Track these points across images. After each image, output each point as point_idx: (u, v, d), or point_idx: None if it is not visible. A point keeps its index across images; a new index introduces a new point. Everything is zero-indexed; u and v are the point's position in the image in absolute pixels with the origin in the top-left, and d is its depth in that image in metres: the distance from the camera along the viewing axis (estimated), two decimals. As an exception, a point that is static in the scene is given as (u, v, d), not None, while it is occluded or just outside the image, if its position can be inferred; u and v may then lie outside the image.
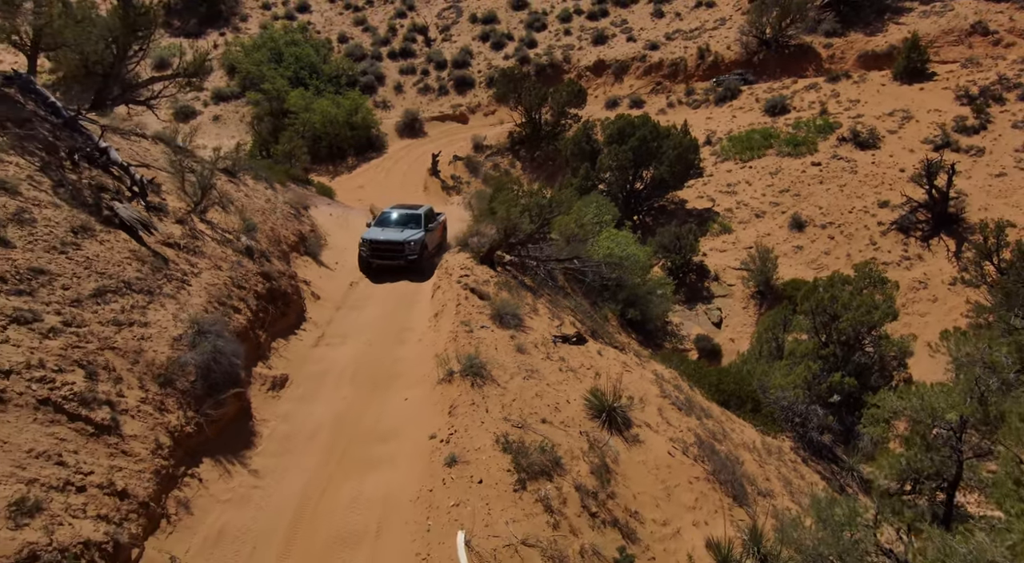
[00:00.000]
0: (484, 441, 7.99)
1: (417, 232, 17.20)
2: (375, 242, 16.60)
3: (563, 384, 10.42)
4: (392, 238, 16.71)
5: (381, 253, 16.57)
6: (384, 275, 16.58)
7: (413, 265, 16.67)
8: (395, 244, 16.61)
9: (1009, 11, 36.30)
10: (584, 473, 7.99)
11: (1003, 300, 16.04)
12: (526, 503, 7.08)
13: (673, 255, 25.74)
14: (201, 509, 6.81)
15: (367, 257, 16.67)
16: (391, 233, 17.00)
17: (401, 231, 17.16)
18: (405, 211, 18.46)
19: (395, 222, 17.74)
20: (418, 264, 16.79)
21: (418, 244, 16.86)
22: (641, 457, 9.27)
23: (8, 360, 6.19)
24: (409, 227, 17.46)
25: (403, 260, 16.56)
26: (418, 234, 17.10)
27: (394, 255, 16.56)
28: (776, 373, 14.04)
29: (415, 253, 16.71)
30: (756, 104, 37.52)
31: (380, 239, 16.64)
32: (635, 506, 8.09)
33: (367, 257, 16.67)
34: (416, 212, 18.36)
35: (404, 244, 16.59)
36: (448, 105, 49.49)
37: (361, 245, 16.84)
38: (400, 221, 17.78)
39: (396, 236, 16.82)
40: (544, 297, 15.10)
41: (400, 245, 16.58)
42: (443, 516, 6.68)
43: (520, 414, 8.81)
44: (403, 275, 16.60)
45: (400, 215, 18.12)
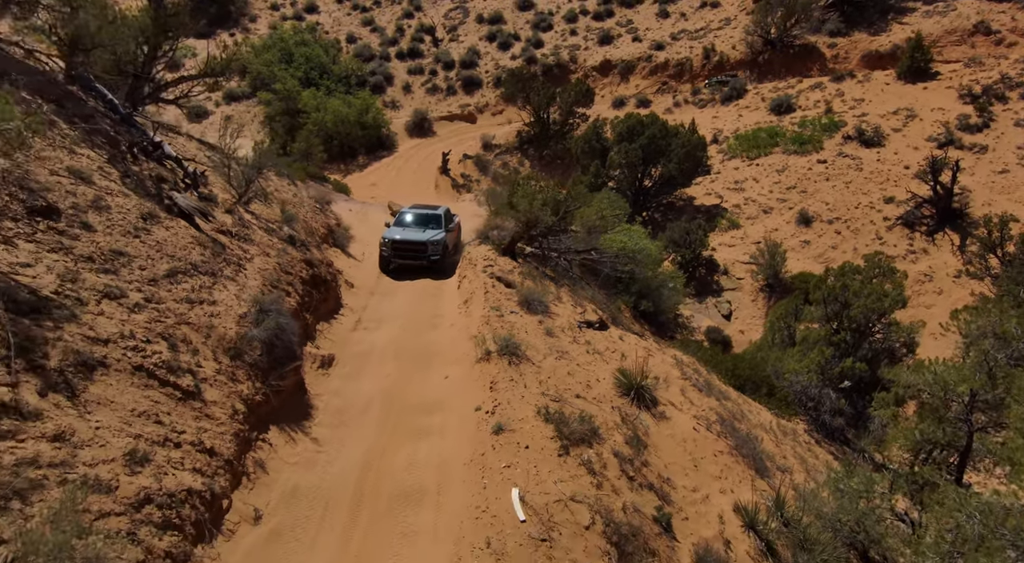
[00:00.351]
0: (526, 412, 8.59)
1: (439, 232, 17.19)
2: (397, 242, 16.50)
3: (591, 365, 11.02)
4: (414, 238, 16.65)
5: (403, 253, 16.50)
6: (404, 274, 16.56)
7: (435, 265, 16.64)
8: (418, 244, 16.54)
9: (1011, 11, 36.88)
10: (620, 442, 8.60)
11: (1015, 275, 16.48)
12: (570, 466, 7.68)
13: (683, 250, 26.34)
14: (274, 469, 7.42)
15: (389, 256, 16.53)
16: (413, 233, 16.96)
17: (423, 231, 17.14)
18: (424, 211, 18.39)
19: (415, 222, 17.69)
20: (440, 264, 16.77)
21: (440, 244, 16.84)
22: (669, 431, 9.87)
23: (105, 330, 6.80)
24: (430, 227, 17.43)
25: (425, 260, 16.51)
26: (440, 234, 17.09)
27: (416, 255, 16.50)
28: (789, 359, 14.64)
29: (437, 253, 16.67)
30: (762, 103, 38.12)
31: (402, 239, 16.57)
32: (667, 473, 8.69)
33: (389, 256, 16.53)
34: (436, 212, 18.35)
35: (427, 244, 16.54)
36: (456, 105, 50.11)
37: (382, 245, 16.66)
38: (420, 221, 17.72)
39: (418, 236, 16.77)
40: (565, 287, 15.70)
41: (423, 245, 16.53)
42: (496, 476, 7.28)
43: (556, 390, 9.41)
44: (423, 274, 16.62)
45: (420, 215, 18.04)
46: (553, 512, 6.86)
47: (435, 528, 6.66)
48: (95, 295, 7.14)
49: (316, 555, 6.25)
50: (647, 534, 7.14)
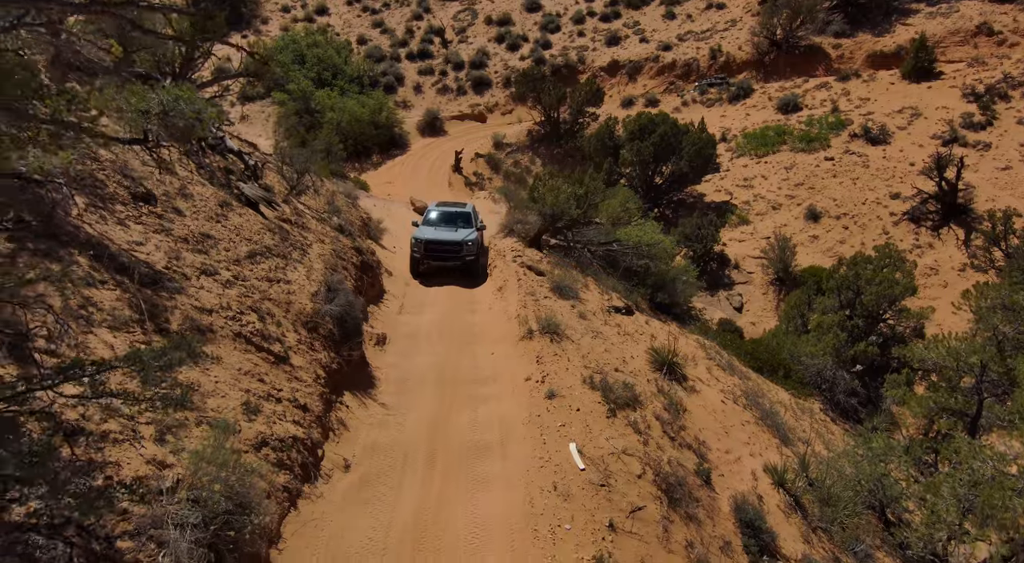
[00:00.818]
0: (573, 381, 9.41)
1: (471, 231, 16.20)
2: (431, 242, 15.46)
3: (624, 344, 11.83)
4: (448, 238, 15.62)
5: (436, 254, 15.48)
6: (432, 278, 15.61)
7: (470, 267, 15.61)
8: (452, 244, 15.49)
9: (1013, 12, 37.67)
10: (659, 408, 9.41)
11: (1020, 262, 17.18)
12: (618, 425, 8.49)
13: (695, 244, 27.12)
14: (353, 427, 8.23)
15: (420, 258, 15.55)
16: (445, 232, 15.89)
17: (455, 230, 16.07)
18: (452, 209, 17.43)
19: (445, 220, 16.62)
20: (474, 266, 15.79)
21: (475, 244, 15.87)
22: (700, 403, 10.68)
23: (208, 302, 7.63)
24: (461, 225, 16.41)
25: (460, 261, 15.49)
26: (473, 233, 16.08)
27: (450, 256, 15.49)
28: (805, 344, 15.44)
29: (472, 254, 15.66)
30: (769, 102, 38.92)
31: (436, 239, 15.52)
32: (702, 437, 9.50)
33: (420, 258, 15.55)
34: (464, 210, 17.39)
35: (462, 244, 15.51)
36: (467, 105, 50.92)
37: (414, 246, 15.64)
38: (450, 219, 16.70)
39: (452, 236, 15.72)
40: (590, 276, 16.50)
41: (458, 245, 15.49)
42: (553, 433, 8.09)
43: (596, 364, 10.22)
44: (452, 279, 15.50)
45: (448, 213, 17.02)
46: (608, 463, 7.67)
47: (504, 476, 7.46)
48: (195, 271, 7.97)
49: (404, 497, 7.06)
50: (690, 484, 7.95)
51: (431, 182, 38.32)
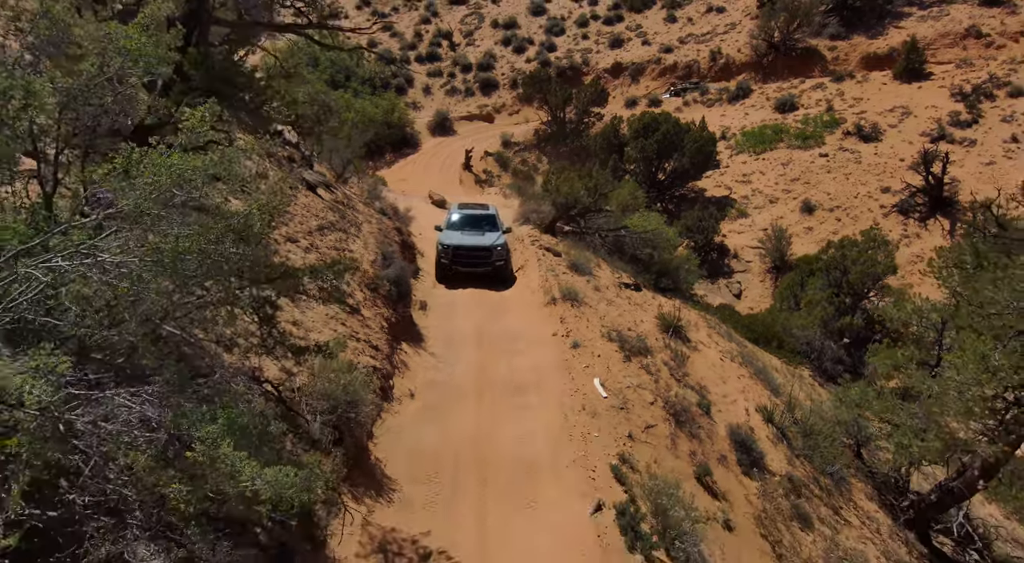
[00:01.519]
0: (593, 335, 11.05)
1: (498, 235, 15.60)
2: (459, 249, 14.78)
3: (635, 312, 13.48)
4: (477, 243, 15.01)
5: (466, 260, 14.82)
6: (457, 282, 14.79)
7: (499, 272, 15.01)
8: (482, 250, 14.90)
9: (1000, 16, 39.32)
10: (667, 357, 11.05)
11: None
12: (633, 368, 10.13)
13: (697, 236, 28.76)
14: (413, 368, 9.88)
15: (449, 264, 14.79)
16: (473, 237, 15.23)
17: (482, 234, 15.42)
18: (476, 211, 16.77)
19: (470, 224, 15.95)
20: (504, 271, 15.18)
21: (505, 249, 15.38)
22: (701, 358, 12.32)
23: (295, 262, 9.28)
24: (488, 229, 15.79)
25: (490, 267, 14.87)
26: (501, 238, 15.53)
27: (480, 262, 14.87)
28: (796, 318, 17.07)
29: (502, 258, 15.15)
30: (767, 102, 40.58)
31: (465, 245, 14.89)
32: (703, 383, 11.13)
33: (449, 264, 14.79)
34: (489, 212, 16.81)
35: (491, 249, 14.93)
36: (475, 105, 52.64)
37: (441, 252, 14.92)
38: (474, 223, 16.03)
39: (481, 241, 15.12)
40: (601, 258, 18.14)
41: (487, 250, 14.91)
42: (580, 372, 9.73)
43: (611, 324, 11.86)
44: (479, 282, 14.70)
45: (471, 216, 16.35)
46: (625, 394, 9.30)
47: (541, 403, 9.09)
48: (282, 238, 9.62)
49: (461, 417, 8.69)
50: (693, 413, 9.58)
51: (443, 179, 39.97)
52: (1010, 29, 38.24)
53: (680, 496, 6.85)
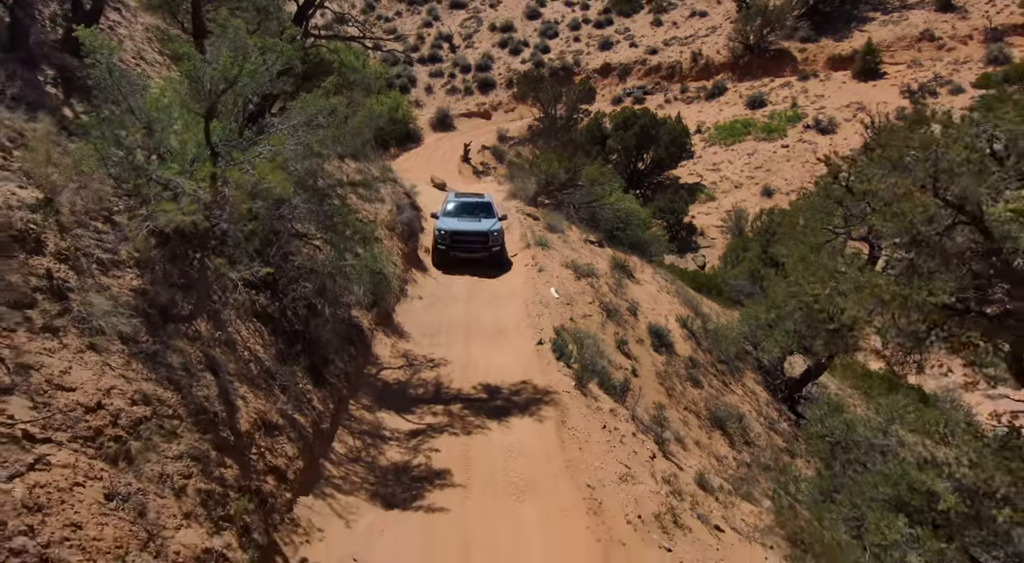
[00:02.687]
0: (555, 265, 14.82)
1: (494, 221, 16.10)
2: (457, 234, 15.35)
3: (593, 257, 17.23)
4: (474, 228, 15.52)
5: (463, 245, 15.37)
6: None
7: (496, 257, 15.52)
8: (479, 235, 15.41)
9: (952, 20, 43.08)
10: (610, 281, 14.83)
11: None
12: (582, 284, 13.89)
13: (668, 216, 32.55)
14: (419, 284, 13.67)
15: (447, 249, 15.40)
16: (469, 223, 15.75)
17: (479, 221, 15.92)
18: (471, 199, 17.53)
19: (466, 211, 16.46)
20: (500, 256, 15.71)
21: (501, 234, 15.97)
22: (640, 288, 16.09)
23: (339, 202, 13.07)
24: (484, 216, 16.29)
25: (487, 252, 15.38)
26: (497, 224, 16.04)
27: (477, 247, 15.39)
28: (732, 272, 20.83)
29: (499, 244, 15.73)
30: (740, 100, 44.37)
31: (461, 230, 15.44)
32: (636, 299, 14.89)
33: (447, 249, 15.40)
34: (484, 200, 17.48)
35: (488, 234, 15.42)
36: (473, 103, 56.43)
37: (439, 237, 15.50)
38: (470, 210, 16.53)
39: (477, 226, 15.63)
40: (574, 224, 21.92)
41: (484, 235, 15.40)
42: (542, 285, 13.47)
43: (571, 260, 15.62)
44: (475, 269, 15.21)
45: (467, 203, 17.03)
46: (573, 296, 13.09)
47: (512, 303, 12.84)
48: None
49: (455, 309, 12.47)
50: (622, 312, 13.35)
51: (443, 170, 43.70)
52: (960, 33, 42.00)
53: (594, 339, 10.63)
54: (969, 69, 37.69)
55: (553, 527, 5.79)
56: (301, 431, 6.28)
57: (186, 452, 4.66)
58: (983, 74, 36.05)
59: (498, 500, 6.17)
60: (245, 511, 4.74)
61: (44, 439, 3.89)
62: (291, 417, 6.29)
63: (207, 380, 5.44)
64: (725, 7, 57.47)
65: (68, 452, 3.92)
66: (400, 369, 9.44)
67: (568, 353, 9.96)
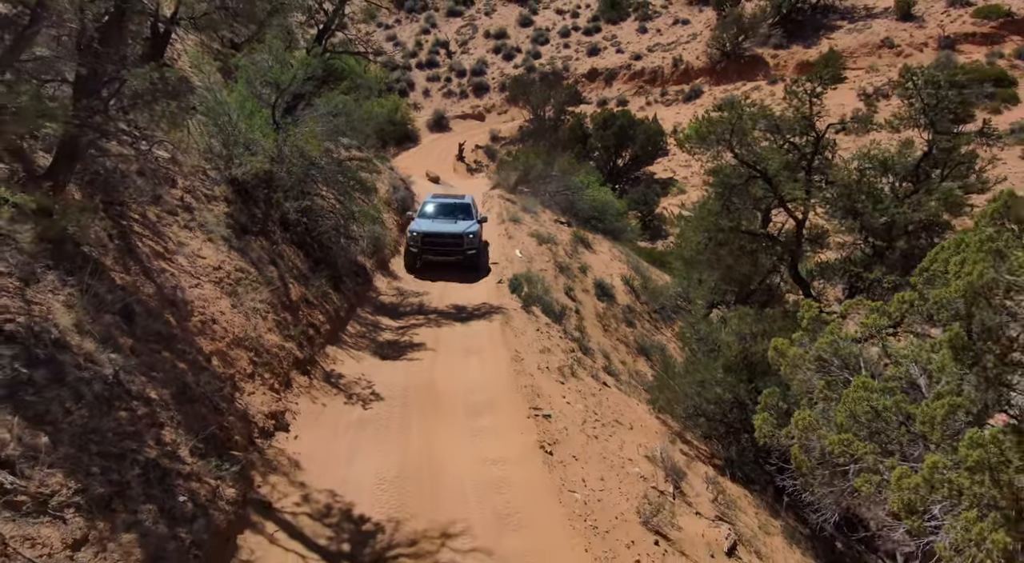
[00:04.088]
0: (523, 234, 18.14)
1: (472, 223, 15.35)
2: (429, 235, 14.54)
3: (559, 232, 20.54)
4: (448, 230, 14.74)
5: (436, 247, 14.66)
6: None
7: (471, 262, 14.79)
8: (453, 237, 14.61)
9: (910, 29, 46.50)
10: (568, 248, 18.15)
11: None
12: (543, 249, 17.20)
13: (642, 207, 35.89)
14: (412, 246, 16.99)
15: (418, 252, 14.64)
16: (444, 224, 15.02)
17: (455, 222, 15.18)
18: (450, 200, 16.87)
19: (443, 212, 15.78)
20: (476, 260, 14.99)
21: (477, 237, 15.15)
22: (594, 256, 19.40)
23: (346, 180, 16.44)
24: (460, 217, 15.56)
25: (461, 255, 14.62)
26: (473, 225, 15.26)
27: (450, 249, 14.65)
28: (684, 249, 24.09)
29: (474, 246, 14.93)
30: (714, 102, 47.69)
31: (434, 231, 14.65)
32: (588, 263, 18.20)
33: (418, 252, 14.64)
34: (463, 201, 16.81)
35: (463, 236, 14.59)
36: (468, 106, 59.84)
37: (410, 239, 14.74)
38: (448, 211, 15.83)
39: (452, 227, 14.85)
40: (548, 208, 25.26)
41: (459, 237, 14.59)
42: (508, 246, 16.77)
43: (536, 231, 18.94)
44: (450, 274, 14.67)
45: (445, 204, 16.27)
46: (533, 256, 16.39)
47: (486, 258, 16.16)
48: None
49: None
50: (574, 269, 16.66)
51: (439, 167, 47.02)
52: (916, 40, 45.41)
53: (543, 282, 13.93)
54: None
55: (488, 368, 9.06)
56: (327, 310, 9.59)
57: (265, 299, 7.96)
58: (931, 78, 39.40)
59: (455, 356, 9.45)
60: (301, 334, 8.07)
61: (197, 282, 7.23)
62: (320, 302, 9.58)
63: (270, 269, 8.73)
64: (706, 15, 60.91)
65: (210, 286, 7.26)
66: (393, 296, 12.74)
67: (520, 288, 13.25)
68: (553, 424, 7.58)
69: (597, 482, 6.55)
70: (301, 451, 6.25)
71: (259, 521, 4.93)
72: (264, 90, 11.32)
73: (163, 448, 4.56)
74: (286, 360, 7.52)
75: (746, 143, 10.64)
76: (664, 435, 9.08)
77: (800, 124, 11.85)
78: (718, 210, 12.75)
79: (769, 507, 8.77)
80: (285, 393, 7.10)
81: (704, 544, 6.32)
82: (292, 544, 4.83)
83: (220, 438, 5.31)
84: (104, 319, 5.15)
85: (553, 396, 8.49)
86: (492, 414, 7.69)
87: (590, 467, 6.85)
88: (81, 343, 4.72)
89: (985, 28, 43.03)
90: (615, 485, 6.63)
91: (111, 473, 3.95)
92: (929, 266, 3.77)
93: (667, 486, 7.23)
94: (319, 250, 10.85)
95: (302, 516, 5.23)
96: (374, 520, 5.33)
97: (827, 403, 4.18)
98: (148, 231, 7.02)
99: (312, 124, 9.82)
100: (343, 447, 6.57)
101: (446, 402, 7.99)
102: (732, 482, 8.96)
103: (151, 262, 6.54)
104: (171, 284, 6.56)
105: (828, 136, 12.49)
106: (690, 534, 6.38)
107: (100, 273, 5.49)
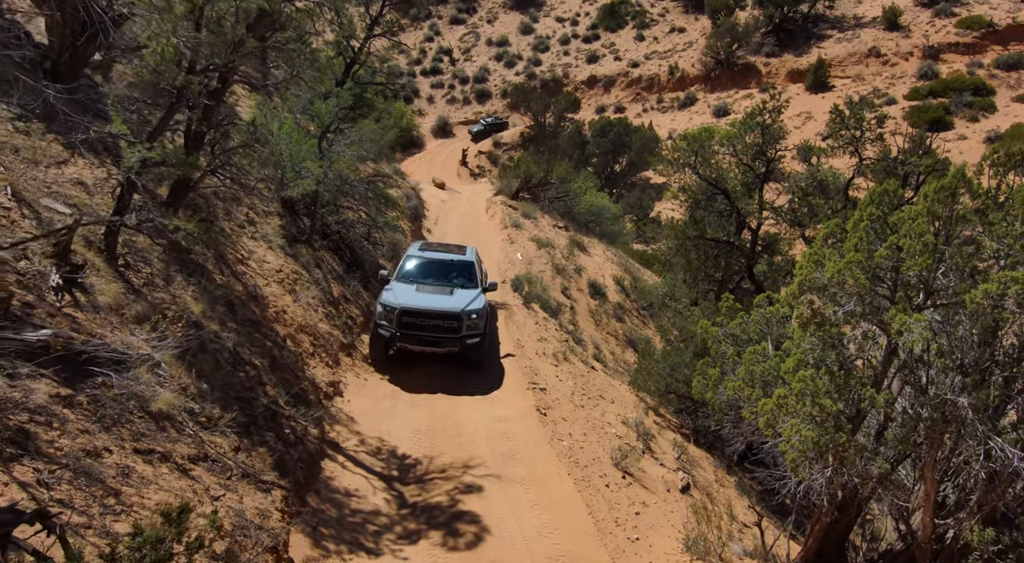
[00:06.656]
0: (524, 240, 20.08)
1: (475, 293, 10.76)
2: (408, 313, 9.86)
3: (557, 237, 22.49)
4: (439, 307, 10.09)
5: (417, 333, 9.90)
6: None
7: (471, 354, 10.15)
8: (447, 316, 10.04)
9: (896, 39, 48.35)
10: (565, 252, 20.08)
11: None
12: (542, 252, 19.13)
13: (636, 210, 37.79)
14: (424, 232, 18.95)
15: (391, 338, 9.80)
16: (433, 296, 10.38)
17: (449, 292, 10.63)
18: (444, 255, 11.77)
19: (433, 273, 11.20)
20: (479, 352, 10.26)
21: (483, 316, 10.38)
22: (589, 258, 21.33)
23: (366, 192, 18.42)
24: (459, 284, 11.04)
25: (457, 344, 9.99)
26: (478, 298, 10.62)
27: (442, 336, 9.98)
28: (674, 251, 26.01)
29: (478, 331, 10.24)
30: (708, 109, 49.65)
31: (417, 308, 9.94)
32: (583, 264, 20.12)
33: (391, 338, 9.80)
34: (463, 257, 11.82)
35: (460, 316, 10.04)
36: (471, 112, 61.80)
37: (381, 316, 9.91)
38: (441, 272, 11.26)
39: (444, 303, 10.21)
40: (547, 213, 27.19)
41: (455, 317, 10.04)
42: (511, 251, 18.72)
43: (536, 237, 20.86)
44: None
45: (438, 262, 11.46)
46: (533, 259, 18.33)
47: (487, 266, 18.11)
48: (357, 181, 18.74)
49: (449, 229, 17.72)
50: (570, 271, 18.59)
51: (443, 173, 49.08)
52: (902, 50, 47.28)
53: (542, 282, 15.84)
54: (904, 83, 42.94)
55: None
56: (360, 305, 11.53)
57: (316, 296, 9.90)
58: (913, 87, 41.32)
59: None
60: (344, 324, 10.01)
61: (267, 282, 9.17)
62: (355, 298, 11.52)
63: (316, 271, 10.67)
64: (702, 23, 62.84)
65: (275, 285, 9.21)
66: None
67: (521, 288, 15.18)
68: (547, 395, 9.50)
69: (580, 436, 8.46)
70: (354, 410, 8.18)
71: (333, 454, 6.87)
72: (301, 117, 13.29)
73: (270, 398, 6.50)
74: (335, 344, 9.46)
75: (709, 165, 12.61)
76: (640, 408, 10.99)
77: (753, 150, 13.82)
78: (686, 221, 14.68)
79: (727, 468, 10.67)
80: (336, 369, 9.04)
81: (663, 483, 8.22)
82: (357, 469, 6.77)
83: (301, 396, 7.24)
84: (217, 308, 7.09)
85: (548, 375, 10.41)
86: (499, 386, 9.62)
87: (575, 427, 8.76)
88: (209, 325, 6.66)
89: (968, 38, 44.89)
90: (595, 439, 8.54)
91: (246, 410, 5.89)
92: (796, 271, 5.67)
93: (637, 443, 9.14)
94: (351, 255, 12.77)
95: (361, 453, 7.16)
96: (413, 457, 7.27)
97: (732, 365, 6.09)
98: (227, 241, 8.96)
99: (350, 150, 11.76)
100: (384, 409, 8.50)
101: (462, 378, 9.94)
102: (696, 447, 10.86)
103: (235, 266, 8.48)
104: (251, 283, 8.50)
105: (780, 154, 14.48)
106: (652, 476, 8.28)
107: (207, 274, 7.43)
